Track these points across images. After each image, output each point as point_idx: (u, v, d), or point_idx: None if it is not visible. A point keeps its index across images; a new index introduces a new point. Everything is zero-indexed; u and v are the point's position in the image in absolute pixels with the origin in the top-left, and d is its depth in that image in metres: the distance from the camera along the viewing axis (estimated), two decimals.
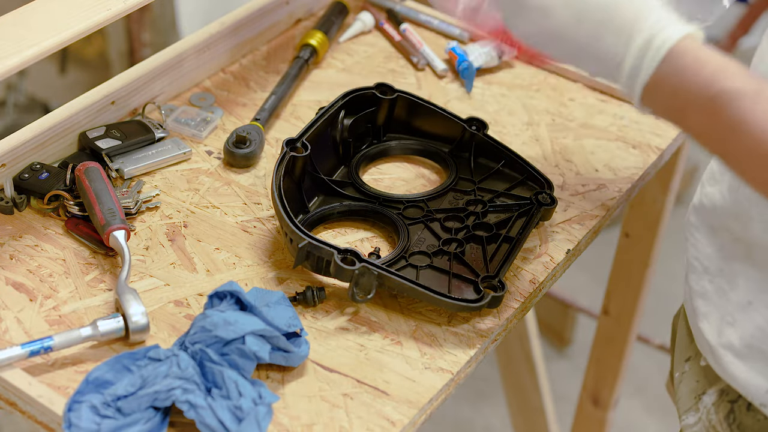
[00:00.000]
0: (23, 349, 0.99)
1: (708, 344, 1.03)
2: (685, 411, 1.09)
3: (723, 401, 1.05)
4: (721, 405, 1.05)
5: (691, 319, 1.09)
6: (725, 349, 1.01)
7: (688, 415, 1.08)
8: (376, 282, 1.06)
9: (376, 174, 1.27)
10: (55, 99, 2.69)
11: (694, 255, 1.06)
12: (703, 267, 1.05)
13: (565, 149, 1.32)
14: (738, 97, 0.84)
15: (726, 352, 1.01)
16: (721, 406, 1.05)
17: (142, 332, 1.02)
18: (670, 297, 2.47)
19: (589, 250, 1.33)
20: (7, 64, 1.05)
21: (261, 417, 0.93)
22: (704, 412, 1.06)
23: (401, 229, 1.15)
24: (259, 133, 1.28)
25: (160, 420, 0.95)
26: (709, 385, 1.07)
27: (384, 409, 1.00)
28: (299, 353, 1.01)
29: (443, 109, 1.26)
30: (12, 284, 1.09)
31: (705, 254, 1.04)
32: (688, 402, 1.09)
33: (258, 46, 1.46)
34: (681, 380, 1.12)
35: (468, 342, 1.07)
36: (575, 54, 0.93)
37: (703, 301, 1.04)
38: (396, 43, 1.49)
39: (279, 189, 1.11)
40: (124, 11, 1.15)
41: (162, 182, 1.23)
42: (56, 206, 1.18)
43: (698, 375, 1.09)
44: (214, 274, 1.12)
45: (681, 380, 1.12)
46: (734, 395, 1.04)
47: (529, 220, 1.16)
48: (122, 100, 1.29)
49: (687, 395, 1.10)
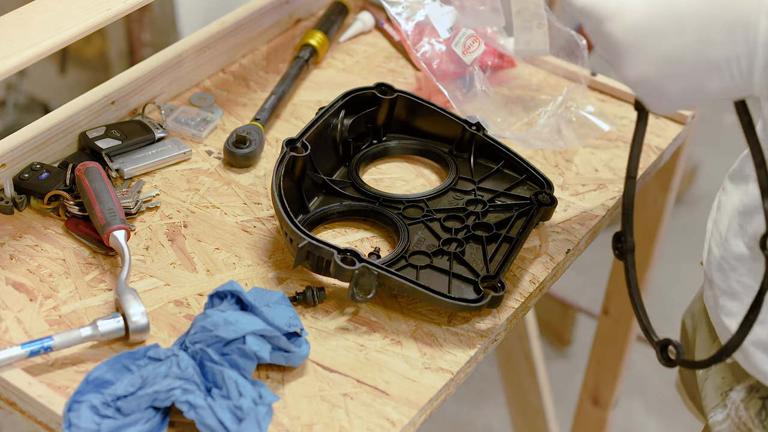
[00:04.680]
0: (23, 349, 0.99)
1: None
2: (712, 408, 1.09)
3: (753, 398, 1.05)
4: (751, 401, 1.05)
5: (714, 317, 1.08)
6: (755, 346, 1.01)
7: (715, 412, 1.08)
8: (376, 282, 1.06)
9: (376, 174, 1.27)
10: (55, 99, 2.69)
11: (721, 255, 1.06)
12: (730, 266, 1.04)
13: (565, 149, 1.32)
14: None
15: (756, 350, 1.01)
16: (751, 402, 1.05)
17: (142, 332, 1.02)
18: (670, 297, 2.47)
19: (589, 250, 1.33)
20: (7, 64, 1.05)
21: (261, 417, 0.93)
22: (732, 409, 1.06)
23: (401, 229, 1.15)
24: (259, 133, 1.28)
25: (160, 420, 0.95)
26: (736, 382, 1.07)
27: (384, 409, 1.00)
28: (300, 353, 1.01)
29: (443, 109, 1.26)
30: (12, 284, 1.09)
31: (734, 254, 1.04)
32: (714, 399, 1.09)
33: (258, 46, 1.46)
34: (706, 377, 1.11)
35: (468, 342, 1.07)
36: (692, 74, 0.86)
37: (731, 299, 1.04)
38: (396, 43, 1.49)
39: (279, 189, 1.11)
40: (124, 11, 1.15)
41: (162, 182, 1.23)
42: (56, 206, 1.18)
43: (724, 372, 1.09)
44: (214, 274, 1.12)
45: (706, 377, 1.11)
46: (766, 391, 1.04)
47: (529, 220, 1.16)
48: (122, 100, 1.29)
49: (713, 392, 1.09)
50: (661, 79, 0.87)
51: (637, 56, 0.87)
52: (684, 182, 2.80)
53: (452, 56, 1.35)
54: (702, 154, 2.86)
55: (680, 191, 2.78)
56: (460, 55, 1.34)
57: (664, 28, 0.85)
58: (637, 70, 0.87)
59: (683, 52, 0.85)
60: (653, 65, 0.86)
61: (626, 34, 0.87)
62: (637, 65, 0.87)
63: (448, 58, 1.35)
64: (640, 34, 0.86)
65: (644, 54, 0.86)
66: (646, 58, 0.86)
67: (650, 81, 0.87)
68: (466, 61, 1.34)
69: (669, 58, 0.85)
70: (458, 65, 1.34)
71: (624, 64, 0.88)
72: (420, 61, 1.35)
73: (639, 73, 0.87)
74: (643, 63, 0.87)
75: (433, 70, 1.34)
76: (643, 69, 0.87)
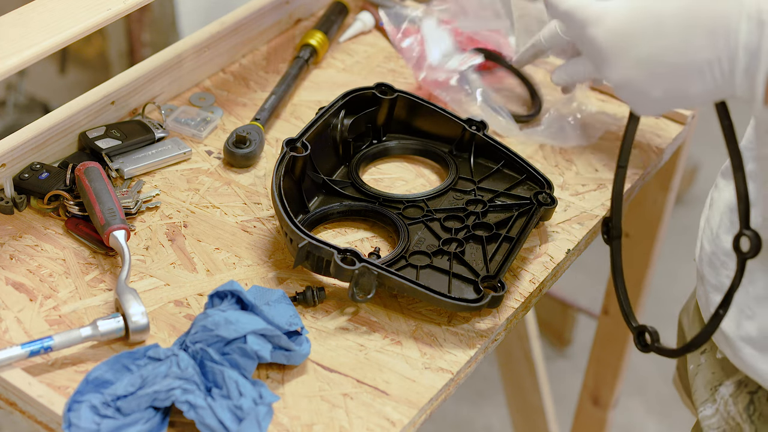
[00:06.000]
0: (23, 349, 0.99)
1: (725, 337, 1.04)
2: (702, 403, 1.10)
3: (742, 392, 1.05)
4: (739, 396, 1.05)
5: (705, 313, 1.09)
6: (744, 341, 1.01)
7: (705, 407, 1.09)
8: (376, 282, 1.06)
9: (376, 174, 1.27)
10: (55, 99, 2.69)
11: (712, 250, 1.06)
12: (721, 262, 1.05)
13: (565, 149, 1.32)
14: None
15: (745, 345, 1.01)
16: (739, 397, 1.05)
17: (142, 332, 1.02)
18: (670, 297, 2.46)
19: (589, 250, 1.33)
20: (7, 64, 1.05)
21: (261, 417, 0.93)
22: (722, 404, 1.07)
23: (401, 229, 1.15)
24: (259, 133, 1.28)
25: (159, 420, 0.95)
26: (725, 377, 1.07)
27: (384, 409, 1.00)
28: (300, 351, 1.01)
29: (443, 109, 1.26)
30: (12, 284, 1.09)
31: (724, 250, 1.04)
32: (704, 394, 1.09)
33: (258, 46, 1.46)
34: (697, 372, 1.12)
35: (468, 342, 1.07)
36: (674, 76, 0.86)
37: (721, 294, 1.04)
38: None
39: (279, 189, 1.11)
40: (124, 11, 1.15)
41: (162, 182, 1.23)
42: (56, 206, 1.18)
43: (714, 367, 1.09)
44: (214, 274, 1.12)
45: (697, 372, 1.12)
46: (754, 386, 1.04)
47: (529, 219, 1.16)
48: (122, 100, 1.29)
49: (703, 387, 1.10)
50: (644, 82, 0.87)
51: (619, 59, 0.88)
52: (684, 182, 2.80)
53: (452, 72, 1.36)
54: (702, 154, 2.86)
55: (680, 191, 2.78)
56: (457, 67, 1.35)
57: (645, 31, 0.86)
58: (620, 73, 0.88)
59: (665, 55, 0.85)
60: (635, 68, 0.87)
61: (608, 38, 0.88)
62: (619, 68, 0.88)
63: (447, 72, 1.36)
64: (622, 37, 0.87)
65: (626, 57, 0.87)
66: (629, 61, 0.87)
67: (633, 84, 0.88)
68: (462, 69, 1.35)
69: (651, 61, 0.86)
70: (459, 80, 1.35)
71: (607, 67, 0.89)
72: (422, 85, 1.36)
73: (622, 76, 0.88)
74: (625, 66, 0.87)
75: (438, 84, 1.34)
76: (626, 72, 0.88)
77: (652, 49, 0.86)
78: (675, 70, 0.85)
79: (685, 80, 0.85)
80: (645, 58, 0.86)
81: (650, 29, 0.85)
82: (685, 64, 0.85)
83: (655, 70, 0.86)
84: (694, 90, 0.86)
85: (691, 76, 0.85)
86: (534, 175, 1.22)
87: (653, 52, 0.86)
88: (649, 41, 0.86)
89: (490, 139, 1.24)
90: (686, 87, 0.86)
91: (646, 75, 0.87)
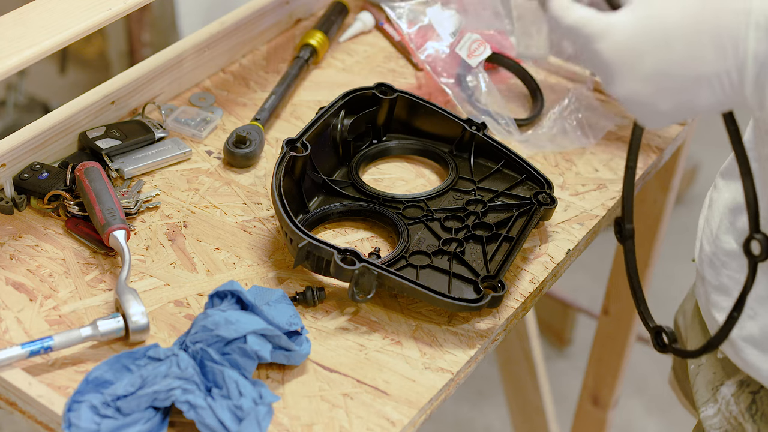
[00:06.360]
0: (23, 349, 0.99)
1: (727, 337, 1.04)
2: (703, 403, 1.10)
3: (743, 392, 1.05)
4: (741, 396, 1.05)
5: (705, 313, 1.09)
6: (746, 341, 1.01)
7: (706, 407, 1.09)
8: (376, 282, 1.06)
9: (376, 174, 1.27)
10: (55, 99, 2.69)
11: (712, 251, 1.06)
12: (721, 262, 1.05)
13: (570, 149, 1.32)
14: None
15: (746, 345, 1.01)
16: (741, 397, 1.05)
17: (142, 332, 1.02)
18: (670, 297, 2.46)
19: (589, 250, 1.33)
20: (7, 64, 1.05)
21: (261, 417, 0.93)
22: (723, 403, 1.07)
23: (401, 229, 1.15)
24: (259, 133, 1.28)
25: (159, 420, 0.95)
26: (727, 377, 1.07)
27: (384, 409, 1.00)
28: (301, 351, 1.01)
29: (443, 109, 1.26)
30: (12, 284, 1.09)
31: (725, 250, 1.04)
32: (705, 394, 1.10)
33: (258, 46, 1.46)
34: (697, 372, 1.12)
35: (468, 342, 1.07)
36: (681, 90, 0.85)
37: (722, 295, 1.04)
38: (396, 43, 1.49)
39: (279, 189, 1.11)
40: (124, 11, 1.15)
41: (162, 182, 1.23)
42: (56, 206, 1.18)
43: (715, 367, 1.10)
44: (214, 274, 1.12)
45: (697, 372, 1.12)
46: (756, 386, 1.04)
47: (529, 220, 1.16)
48: (122, 100, 1.29)
49: (704, 387, 1.10)
50: (652, 96, 0.86)
51: (626, 74, 0.87)
52: (684, 182, 2.80)
53: (456, 59, 1.35)
54: (702, 154, 2.86)
55: (680, 191, 2.78)
56: (465, 59, 1.34)
57: (651, 45, 0.85)
58: (627, 87, 0.87)
59: (672, 69, 0.84)
60: (643, 82, 0.86)
61: (615, 53, 0.87)
62: (627, 83, 0.87)
63: (452, 61, 1.35)
64: (628, 51, 0.86)
65: (633, 71, 0.86)
66: (636, 76, 0.86)
67: (641, 98, 0.87)
68: (471, 64, 1.34)
69: (658, 75, 0.85)
70: (462, 67, 1.35)
71: (614, 82, 0.88)
72: (424, 64, 1.35)
73: (629, 90, 0.87)
74: (632, 80, 0.87)
75: (438, 73, 1.34)
76: (633, 86, 0.87)
77: (659, 63, 0.85)
78: (683, 83, 0.84)
79: (694, 92, 0.85)
80: (652, 72, 0.85)
81: (657, 42, 0.84)
82: (693, 76, 0.84)
83: (663, 83, 0.85)
84: (703, 102, 0.85)
85: (700, 88, 0.84)
86: (534, 175, 1.22)
87: (660, 66, 0.85)
88: (656, 55, 0.85)
89: (490, 139, 1.24)
90: (694, 99, 0.85)
91: (653, 89, 0.86)
